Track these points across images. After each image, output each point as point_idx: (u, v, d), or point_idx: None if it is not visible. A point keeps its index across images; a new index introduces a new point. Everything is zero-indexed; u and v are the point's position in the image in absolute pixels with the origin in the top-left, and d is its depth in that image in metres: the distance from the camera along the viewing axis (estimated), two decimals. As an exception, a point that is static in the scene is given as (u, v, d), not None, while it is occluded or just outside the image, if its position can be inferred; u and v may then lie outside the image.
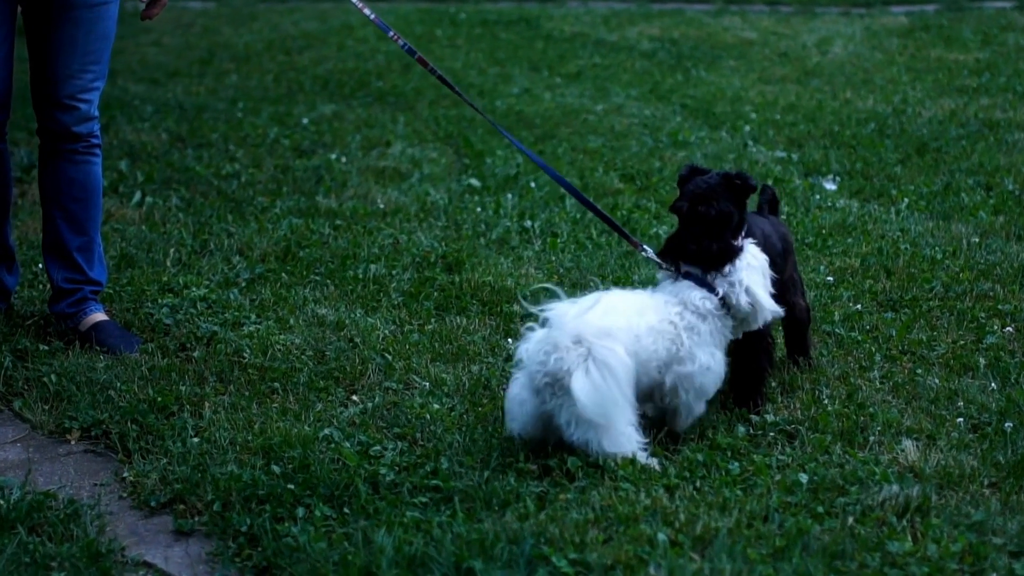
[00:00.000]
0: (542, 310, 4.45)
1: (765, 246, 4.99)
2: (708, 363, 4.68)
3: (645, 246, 5.09)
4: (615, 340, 4.40)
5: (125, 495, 4.53)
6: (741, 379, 5.01)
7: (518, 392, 4.53)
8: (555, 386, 4.37)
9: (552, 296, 4.49)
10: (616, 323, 4.47)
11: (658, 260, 4.91)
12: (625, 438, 4.44)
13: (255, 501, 4.34)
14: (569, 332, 4.37)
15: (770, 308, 4.77)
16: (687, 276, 4.76)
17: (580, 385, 4.30)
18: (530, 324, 4.51)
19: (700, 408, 4.75)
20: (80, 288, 5.81)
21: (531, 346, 4.45)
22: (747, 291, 4.70)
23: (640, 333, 4.55)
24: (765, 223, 5.18)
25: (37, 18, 5.58)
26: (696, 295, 4.71)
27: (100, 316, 5.78)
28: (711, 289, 4.72)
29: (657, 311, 4.65)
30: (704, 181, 4.84)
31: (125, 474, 4.64)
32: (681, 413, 4.71)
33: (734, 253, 4.76)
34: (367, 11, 5.67)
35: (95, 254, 5.89)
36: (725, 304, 4.73)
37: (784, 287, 5.20)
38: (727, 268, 4.73)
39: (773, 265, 5.07)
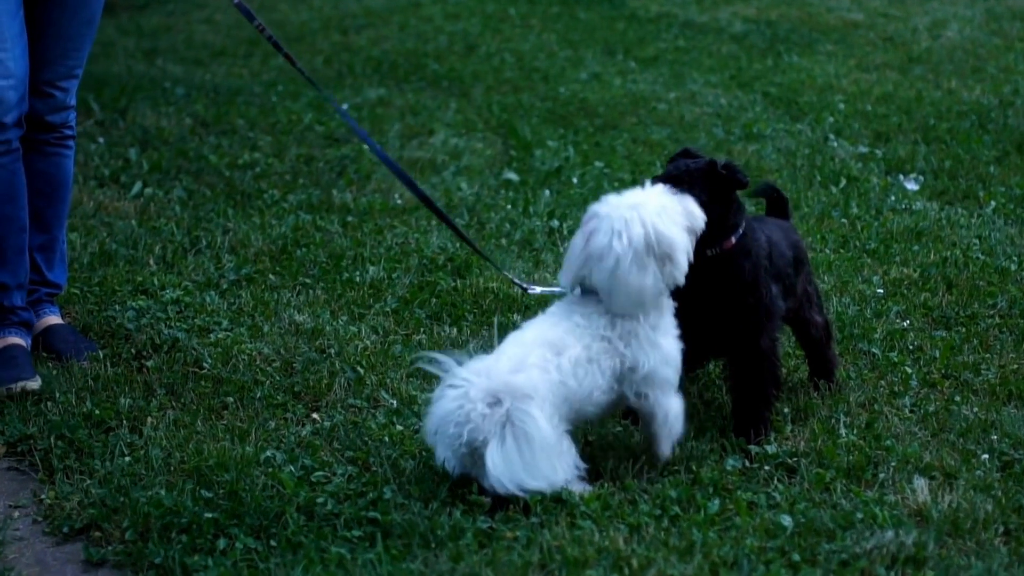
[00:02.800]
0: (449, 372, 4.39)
1: (771, 254, 4.79)
2: (663, 355, 4.46)
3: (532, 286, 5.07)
4: (533, 403, 4.25)
5: (40, 519, 4.46)
6: (742, 405, 4.81)
7: (441, 452, 4.42)
8: (474, 456, 4.28)
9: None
10: (533, 379, 4.30)
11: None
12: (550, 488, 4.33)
13: (175, 529, 4.24)
14: (480, 394, 4.26)
15: (670, 235, 4.37)
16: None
17: (494, 461, 4.23)
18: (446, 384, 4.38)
19: (677, 417, 4.55)
20: (36, 289, 5.77)
21: (442, 415, 4.32)
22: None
23: (565, 375, 4.35)
24: (773, 227, 4.96)
25: None
26: None
27: (54, 319, 5.74)
28: None
29: (579, 336, 4.42)
30: (685, 164, 4.68)
31: (43, 496, 4.57)
32: (658, 416, 4.49)
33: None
34: None
35: (57, 254, 5.83)
36: None
37: (798, 302, 5.00)
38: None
39: (783, 277, 4.88)
